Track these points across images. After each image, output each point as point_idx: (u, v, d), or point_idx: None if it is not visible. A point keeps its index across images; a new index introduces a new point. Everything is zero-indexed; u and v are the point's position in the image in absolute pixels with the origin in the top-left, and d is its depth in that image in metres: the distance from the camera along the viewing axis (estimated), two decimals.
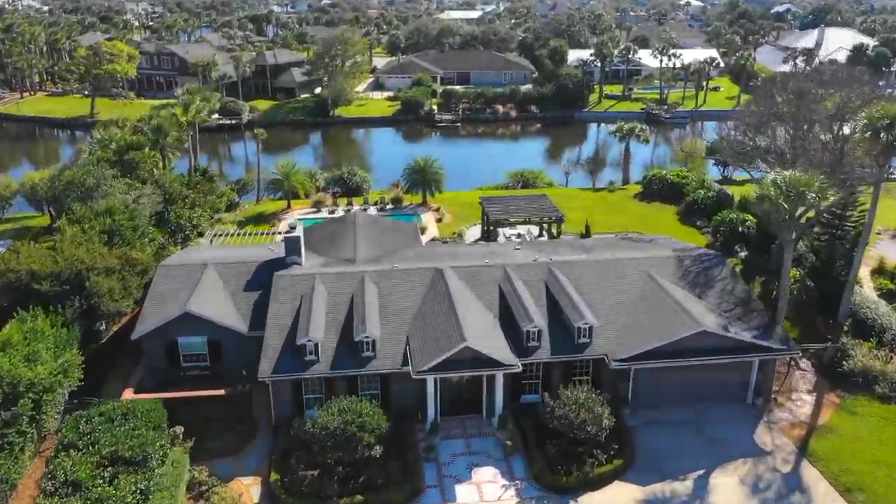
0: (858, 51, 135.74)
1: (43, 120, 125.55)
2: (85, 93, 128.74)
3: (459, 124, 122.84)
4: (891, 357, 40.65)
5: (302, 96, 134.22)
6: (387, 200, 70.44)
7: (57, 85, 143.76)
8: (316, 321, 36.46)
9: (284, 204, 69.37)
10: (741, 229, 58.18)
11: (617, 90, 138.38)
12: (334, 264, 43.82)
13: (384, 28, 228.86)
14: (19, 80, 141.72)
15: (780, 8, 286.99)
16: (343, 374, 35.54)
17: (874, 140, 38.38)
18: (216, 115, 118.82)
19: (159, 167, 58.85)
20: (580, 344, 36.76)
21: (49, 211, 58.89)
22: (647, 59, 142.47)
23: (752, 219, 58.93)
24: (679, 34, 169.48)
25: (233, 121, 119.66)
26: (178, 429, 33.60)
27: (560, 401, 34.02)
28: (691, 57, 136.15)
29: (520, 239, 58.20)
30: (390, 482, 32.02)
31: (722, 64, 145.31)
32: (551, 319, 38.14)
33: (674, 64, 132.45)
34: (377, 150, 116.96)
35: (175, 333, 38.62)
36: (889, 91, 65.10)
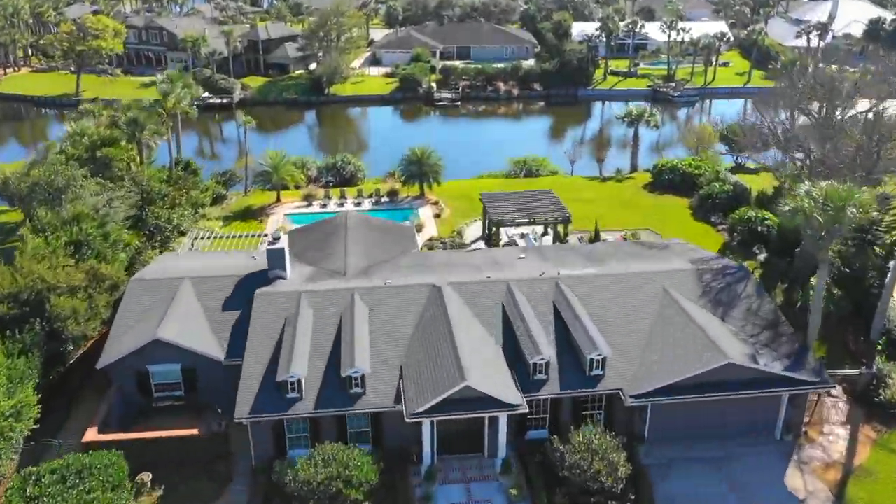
0: (875, 25, 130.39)
1: (24, 98, 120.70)
2: (71, 69, 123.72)
3: (459, 103, 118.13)
4: None
5: (296, 73, 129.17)
6: (382, 193, 66.50)
7: (42, 61, 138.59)
8: (299, 351, 32.86)
9: (273, 197, 65.42)
10: (760, 229, 54.33)
11: (623, 65, 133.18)
12: (322, 277, 40.17)
13: None
14: (3, 56, 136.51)
15: None
16: (330, 414, 32.04)
17: None
18: (206, 94, 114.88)
19: (136, 162, 54.78)
20: (592, 376, 33.20)
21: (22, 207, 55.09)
22: (655, 33, 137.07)
23: (773, 218, 55.03)
24: (686, 4, 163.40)
25: (224, 99, 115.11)
26: (145, 477, 30.23)
27: (570, 445, 30.57)
28: (700, 31, 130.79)
29: (524, 238, 54.51)
30: None
31: (731, 38, 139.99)
32: (560, 346, 34.55)
33: (682, 38, 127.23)
34: (374, 131, 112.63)
35: (145, 361, 35.10)
36: None
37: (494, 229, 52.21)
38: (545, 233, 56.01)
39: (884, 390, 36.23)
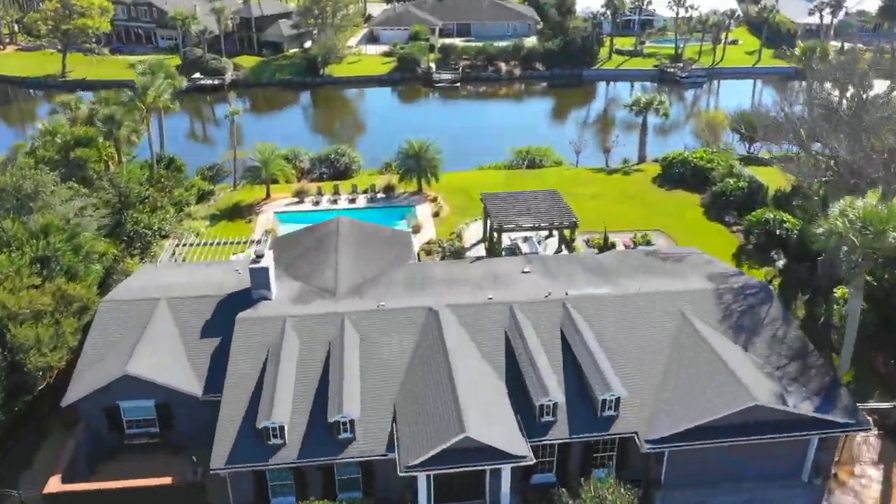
0: (891, 1, 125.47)
1: (10, 80, 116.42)
2: (57, 48, 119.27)
3: (459, 84, 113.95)
4: None
5: (290, 51, 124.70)
6: (378, 189, 63.08)
7: (28, 39, 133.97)
8: (282, 392, 29.88)
9: (263, 193, 62.05)
10: (779, 232, 51.09)
11: (628, 44, 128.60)
12: (310, 297, 37.13)
13: None
14: None
15: None
16: (315, 463, 29.16)
17: None
18: (197, 75, 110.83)
19: (115, 161, 51.35)
20: (605, 418, 30.26)
21: None
22: (662, 9, 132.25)
23: (792, 220, 51.82)
24: None
25: (215, 81, 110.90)
26: None
27: (581, 500, 27.72)
28: (708, 7, 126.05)
29: (527, 243, 51.31)
30: None
31: (741, 14, 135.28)
32: (569, 382, 31.56)
33: (690, 15, 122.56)
34: (371, 114, 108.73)
35: (116, 397, 32.18)
36: None
37: (496, 236, 48.94)
38: (549, 235, 52.78)
39: None
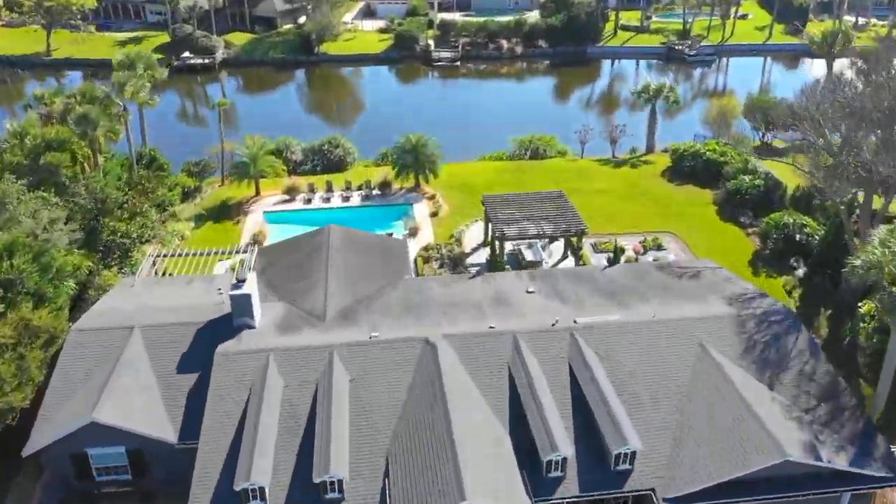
0: None
1: None
2: (42, 24, 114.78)
3: (459, 63, 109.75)
4: None
5: (284, 27, 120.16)
6: (373, 185, 59.83)
7: (11, 15, 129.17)
8: (264, 445, 27.17)
9: (252, 190, 58.78)
10: (798, 237, 48.03)
11: (634, 18, 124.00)
12: (297, 323, 34.35)
13: None
14: None
15: None
16: None
17: None
18: (187, 54, 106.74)
19: (91, 163, 48.02)
20: (619, 472, 27.59)
21: None
22: None
23: (812, 224, 48.75)
24: None
25: (206, 60, 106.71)
26: None
27: None
28: None
29: (531, 249, 48.22)
30: None
31: None
32: (579, 429, 28.88)
33: None
34: (367, 94, 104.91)
35: (83, 444, 29.49)
36: None
37: (498, 245, 45.88)
38: (554, 239, 49.64)
39: None
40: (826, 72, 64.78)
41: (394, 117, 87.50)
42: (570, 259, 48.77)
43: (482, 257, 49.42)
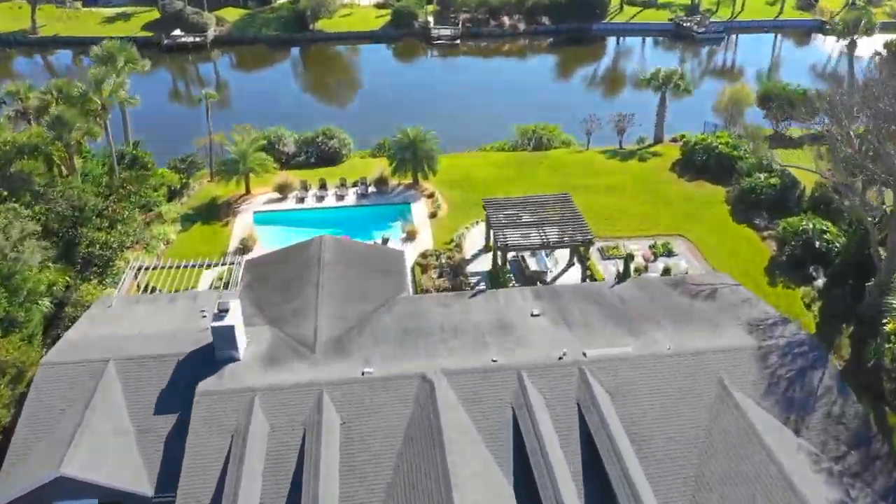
0: None
1: None
2: None
3: (459, 41, 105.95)
4: None
5: (278, 2, 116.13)
6: (369, 182, 57.01)
7: None
8: (247, 499, 24.90)
9: (242, 187, 55.95)
10: (818, 244, 45.38)
11: None
12: (285, 354, 32.01)
13: None
14: None
15: None
16: None
17: None
18: (177, 31, 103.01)
19: (68, 165, 45.17)
20: None
21: None
22: None
23: (833, 230, 46.07)
24: None
25: (197, 38, 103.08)
26: None
27: None
28: None
29: (534, 256, 45.61)
30: None
31: None
32: (589, 483, 26.53)
33: None
34: (363, 74, 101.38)
35: (51, 498, 27.12)
36: None
37: (501, 256, 43.27)
38: (560, 243, 46.90)
39: None
40: (848, 58, 61.45)
41: (391, 101, 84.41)
42: (577, 266, 46.29)
43: (483, 264, 46.90)
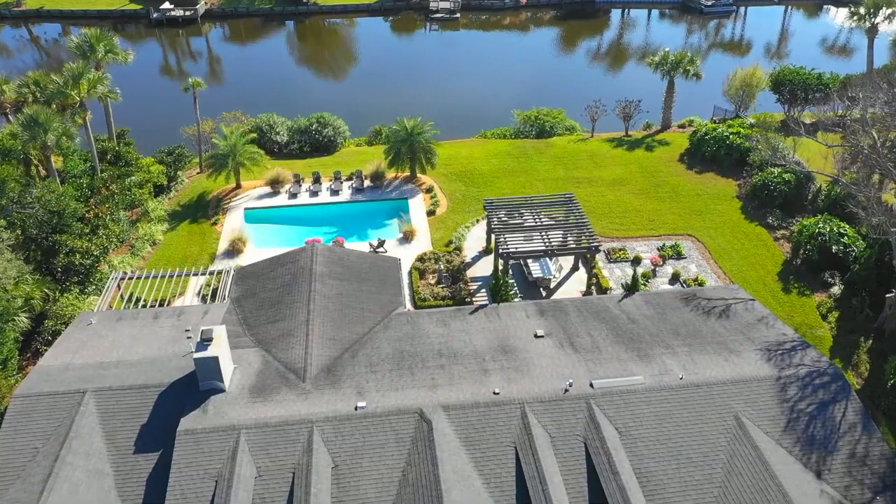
0: None
1: None
2: None
3: (458, 15, 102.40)
4: None
5: None
6: (365, 175, 54.65)
7: None
8: None
9: (233, 181, 53.63)
10: (835, 249, 43.27)
11: None
12: (274, 384, 30.12)
13: None
14: None
15: None
16: None
17: None
18: (167, 5, 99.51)
19: (46, 165, 42.76)
20: None
21: None
22: None
23: (851, 231, 43.93)
24: None
25: (187, 12, 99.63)
26: None
27: None
28: None
29: (537, 261, 43.51)
30: None
31: None
32: None
33: None
34: (360, 49, 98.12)
35: None
36: None
37: (502, 263, 41.16)
38: (564, 251, 44.75)
39: None
40: (868, 43, 58.70)
41: (388, 81, 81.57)
42: (581, 270, 44.30)
43: (484, 268, 44.85)
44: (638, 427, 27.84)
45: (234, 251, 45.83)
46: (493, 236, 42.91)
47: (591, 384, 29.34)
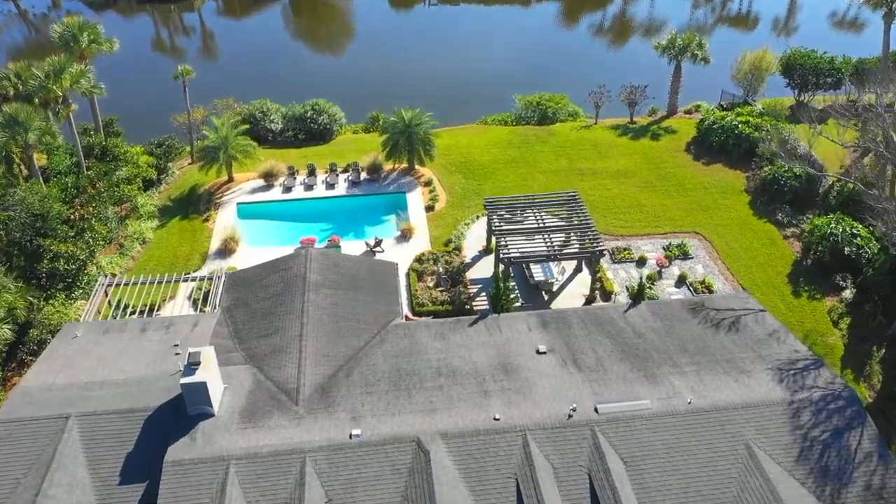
0: None
1: None
2: None
3: None
4: None
5: None
6: (362, 168, 52.96)
7: None
8: None
9: (225, 175, 51.94)
10: (847, 251, 41.81)
11: None
12: (265, 407, 28.89)
13: None
14: None
15: None
16: None
17: None
18: None
19: (28, 164, 41.09)
20: None
21: None
22: None
23: (864, 232, 42.39)
24: None
25: None
26: None
27: None
28: None
29: (539, 264, 42.06)
30: None
31: None
32: None
33: None
34: (358, 21, 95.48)
35: None
36: None
37: (503, 269, 39.71)
38: (567, 255, 43.03)
39: None
40: (884, 28, 56.51)
41: (386, 60, 79.28)
42: (585, 271, 42.92)
43: (484, 269, 43.46)
44: (644, 457, 26.69)
45: (227, 251, 44.39)
46: (494, 238, 41.44)
47: (596, 409, 28.13)
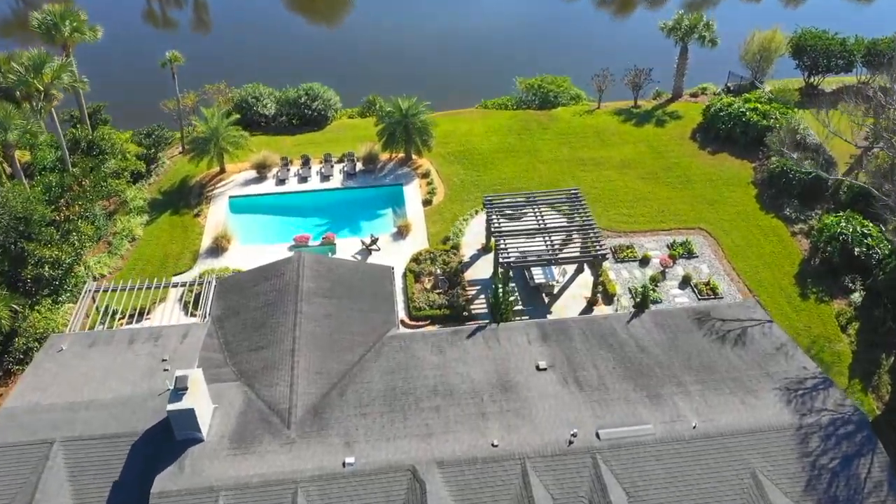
0: None
1: None
2: None
3: None
4: None
5: None
6: (357, 158, 51.42)
7: None
8: None
9: (216, 167, 50.42)
10: (857, 252, 40.55)
11: None
12: (256, 431, 28.01)
13: None
14: None
15: None
16: None
17: None
18: None
19: (10, 163, 39.59)
20: None
21: None
22: None
23: (875, 231, 41.06)
24: None
25: None
26: None
27: None
28: None
29: (542, 274, 40.72)
30: None
31: None
32: None
33: None
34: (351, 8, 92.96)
35: None
36: None
37: (502, 272, 38.51)
38: (569, 258, 41.68)
39: None
40: None
41: (382, 39, 76.98)
42: (586, 272, 41.76)
43: (483, 270, 42.29)
44: (647, 487, 25.83)
45: (219, 249, 43.18)
46: (493, 239, 40.15)
47: (598, 434, 27.20)
